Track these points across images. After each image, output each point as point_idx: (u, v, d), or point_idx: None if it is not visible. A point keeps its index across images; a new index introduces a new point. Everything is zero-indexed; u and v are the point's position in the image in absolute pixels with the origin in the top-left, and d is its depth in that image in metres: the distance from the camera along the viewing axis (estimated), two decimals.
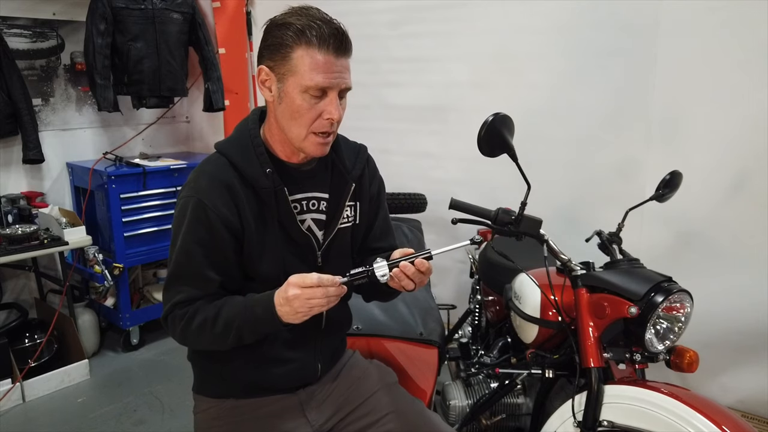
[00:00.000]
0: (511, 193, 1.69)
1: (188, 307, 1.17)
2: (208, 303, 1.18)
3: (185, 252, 1.17)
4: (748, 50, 2.02)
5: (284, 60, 1.11)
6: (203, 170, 1.20)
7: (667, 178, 1.65)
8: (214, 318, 1.15)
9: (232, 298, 1.19)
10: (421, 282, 1.15)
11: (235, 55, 3.43)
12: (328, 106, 1.13)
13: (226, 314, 1.15)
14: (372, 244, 1.40)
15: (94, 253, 2.83)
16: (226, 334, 1.14)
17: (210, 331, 1.15)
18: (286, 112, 1.15)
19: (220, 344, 1.18)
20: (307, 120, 1.13)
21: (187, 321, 1.17)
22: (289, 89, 1.12)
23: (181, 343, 1.23)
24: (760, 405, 2.17)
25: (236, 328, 1.14)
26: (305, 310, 1.08)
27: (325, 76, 1.10)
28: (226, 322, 1.14)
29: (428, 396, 1.56)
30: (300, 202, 1.25)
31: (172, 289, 1.19)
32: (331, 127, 1.16)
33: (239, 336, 1.15)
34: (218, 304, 1.17)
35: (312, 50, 1.09)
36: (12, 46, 2.88)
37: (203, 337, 1.17)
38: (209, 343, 1.19)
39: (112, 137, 3.42)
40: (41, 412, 2.53)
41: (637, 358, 1.39)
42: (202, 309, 1.17)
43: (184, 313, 1.17)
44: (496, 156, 1.35)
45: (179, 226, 1.18)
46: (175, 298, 1.18)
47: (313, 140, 1.16)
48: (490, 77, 2.69)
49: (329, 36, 1.09)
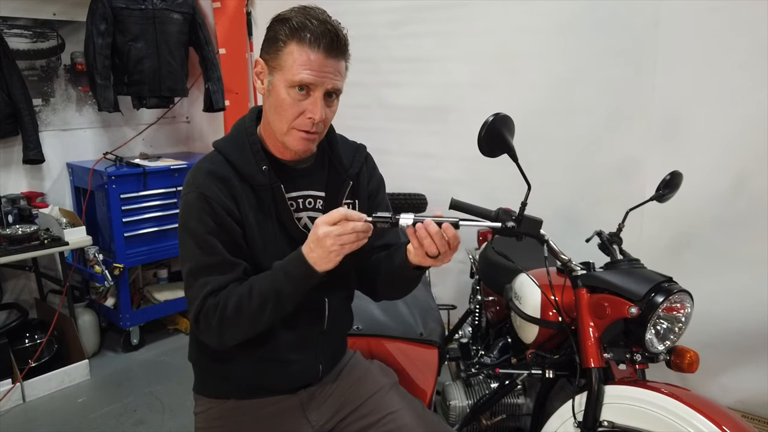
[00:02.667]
0: (511, 193, 1.68)
1: (219, 295, 1.13)
2: (237, 285, 1.14)
3: (202, 244, 1.15)
4: (748, 50, 2.02)
5: (276, 54, 1.13)
6: (200, 167, 1.20)
7: (667, 179, 1.65)
8: (249, 294, 1.11)
9: (259, 275, 1.15)
10: (445, 252, 1.09)
11: (236, 55, 3.43)
12: (310, 106, 1.13)
13: (259, 287, 1.12)
14: (371, 242, 1.39)
15: (95, 254, 2.83)
16: (264, 306, 1.11)
17: (247, 310, 1.11)
18: (272, 105, 1.16)
19: (259, 322, 1.13)
20: (290, 115, 1.14)
21: (222, 308, 1.12)
22: (277, 83, 1.14)
23: (218, 341, 1.16)
24: (760, 405, 2.17)
25: (274, 294, 1.11)
26: (337, 248, 1.05)
27: (311, 74, 1.11)
28: (261, 293, 1.11)
29: (428, 396, 1.56)
30: (296, 200, 1.26)
31: (196, 284, 1.15)
32: (313, 127, 1.16)
33: (278, 303, 1.11)
34: (249, 282, 1.14)
35: (303, 47, 1.10)
36: (12, 46, 2.88)
37: (242, 318, 1.12)
38: (248, 323, 1.13)
39: (113, 137, 3.42)
40: (41, 413, 2.53)
41: (637, 358, 1.39)
42: (234, 291, 1.13)
43: (216, 302, 1.13)
44: (496, 156, 1.35)
45: (187, 223, 1.17)
46: (204, 290, 1.13)
47: (295, 135, 1.16)
48: (490, 77, 2.69)
49: (321, 35, 1.10)
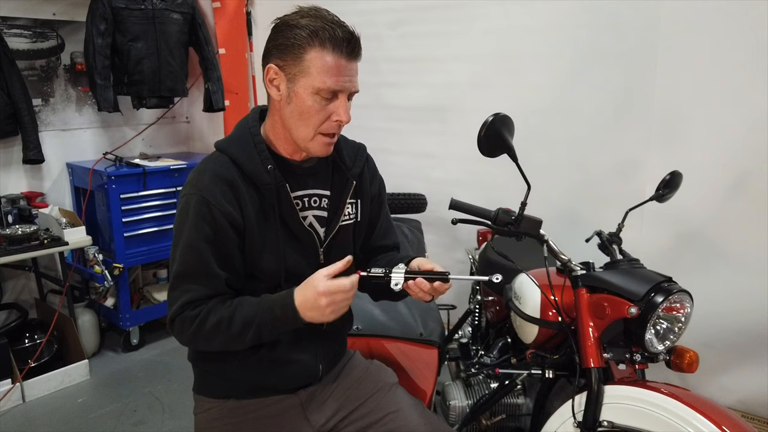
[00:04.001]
0: (511, 193, 1.69)
1: (200, 307, 1.15)
2: (220, 303, 1.16)
3: (191, 250, 1.15)
4: (748, 50, 2.02)
5: (296, 60, 1.12)
6: (204, 168, 1.20)
7: (667, 178, 1.65)
8: (230, 318, 1.13)
9: (246, 299, 1.18)
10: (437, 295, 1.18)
11: (235, 55, 3.43)
12: (338, 109, 1.14)
13: (243, 314, 1.14)
14: (376, 242, 1.42)
15: (94, 254, 2.83)
16: (244, 333, 1.14)
17: (226, 332, 1.13)
18: (294, 112, 1.15)
19: (236, 344, 1.17)
20: (316, 121, 1.15)
21: (200, 322, 1.14)
22: (300, 90, 1.13)
23: (188, 345, 1.21)
24: (760, 405, 2.17)
25: (255, 327, 1.13)
26: (338, 312, 1.11)
27: (337, 80, 1.11)
28: (245, 321, 1.13)
29: (428, 396, 1.56)
30: (301, 198, 1.26)
31: (179, 289, 1.17)
32: (339, 129, 1.18)
33: (258, 335, 1.14)
34: (233, 304, 1.16)
35: (325, 53, 1.10)
36: (12, 46, 2.87)
37: (218, 337, 1.15)
38: (223, 343, 1.17)
39: (112, 137, 3.42)
40: (41, 413, 2.53)
41: (637, 358, 1.39)
42: (216, 309, 1.15)
43: (196, 314, 1.15)
44: (496, 156, 1.35)
45: (182, 225, 1.17)
46: (183, 298, 1.16)
47: (320, 140, 1.17)
48: (490, 77, 2.69)
49: (342, 39, 1.10)
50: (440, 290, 1.16)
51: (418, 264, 1.21)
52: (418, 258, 1.24)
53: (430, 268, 1.17)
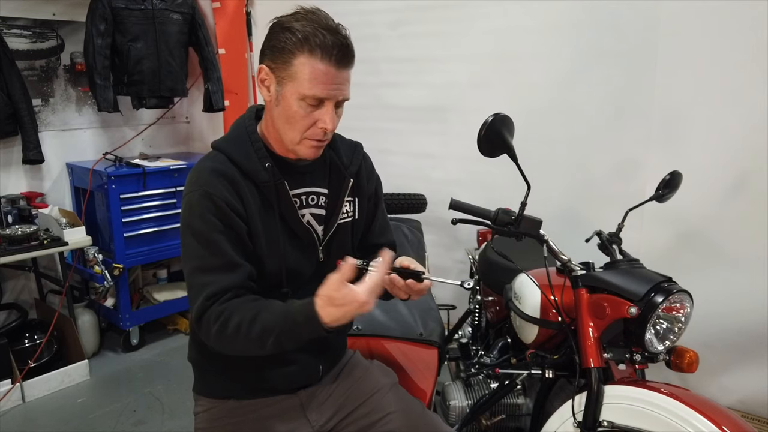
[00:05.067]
0: (511, 193, 1.68)
1: (225, 304, 1.11)
2: (243, 302, 1.12)
3: (206, 243, 1.13)
4: (748, 50, 2.02)
5: (285, 64, 1.11)
6: (203, 166, 1.19)
7: (667, 179, 1.65)
8: (251, 321, 1.08)
9: (270, 303, 1.13)
10: (415, 295, 1.18)
11: (235, 55, 3.43)
12: (323, 116, 1.13)
13: (264, 319, 1.09)
14: (372, 240, 1.42)
15: (94, 254, 2.83)
16: (264, 339, 1.09)
17: (245, 335, 1.08)
18: (282, 115, 1.15)
19: (256, 349, 1.11)
20: (301, 126, 1.14)
21: (223, 322, 1.09)
22: (287, 94, 1.12)
23: (216, 346, 1.14)
24: (760, 405, 2.17)
25: (276, 335, 1.08)
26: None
27: (324, 87, 1.10)
28: (265, 327, 1.08)
29: (428, 396, 1.56)
30: (299, 196, 1.26)
31: (199, 283, 1.12)
32: (324, 136, 1.16)
33: (279, 342, 1.09)
34: (256, 307, 1.11)
35: (314, 59, 1.09)
36: (12, 46, 2.87)
37: (238, 340, 1.10)
38: (243, 347, 1.12)
39: (112, 137, 3.42)
40: (41, 413, 2.53)
41: (637, 358, 1.39)
42: (238, 310, 1.10)
43: (220, 312, 1.10)
44: (496, 156, 1.35)
45: (190, 222, 1.15)
46: (206, 291, 1.11)
47: (307, 144, 1.17)
48: (490, 77, 2.69)
49: (333, 47, 1.08)
50: (415, 289, 1.16)
51: (399, 261, 1.20)
52: (402, 256, 1.23)
53: (407, 265, 1.17)
